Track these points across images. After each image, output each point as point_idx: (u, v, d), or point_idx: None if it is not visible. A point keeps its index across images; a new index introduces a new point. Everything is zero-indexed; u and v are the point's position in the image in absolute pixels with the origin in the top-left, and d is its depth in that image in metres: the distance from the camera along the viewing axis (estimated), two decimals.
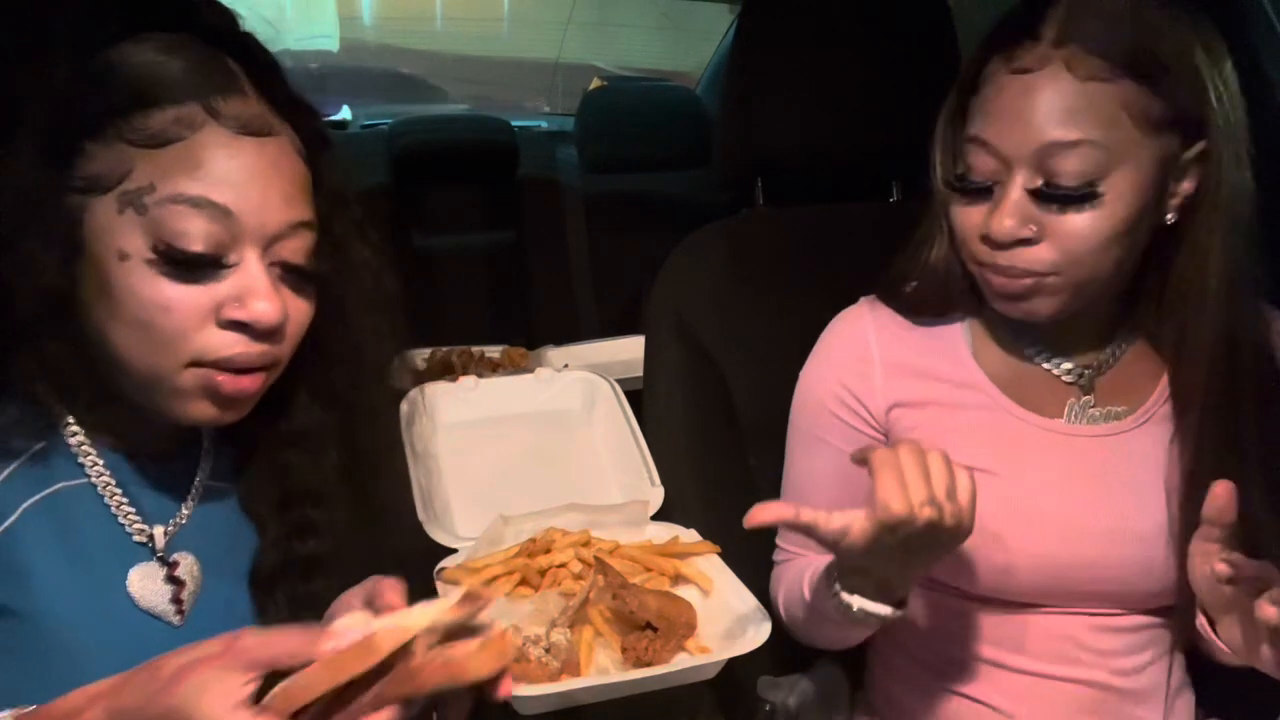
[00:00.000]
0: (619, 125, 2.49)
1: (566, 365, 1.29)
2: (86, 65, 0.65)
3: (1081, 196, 0.78)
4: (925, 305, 0.93)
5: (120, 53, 0.65)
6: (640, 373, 1.17)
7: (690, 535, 0.98)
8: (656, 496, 1.03)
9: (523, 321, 2.21)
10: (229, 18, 0.70)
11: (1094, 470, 0.88)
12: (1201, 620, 0.84)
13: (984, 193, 0.82)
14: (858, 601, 0.79)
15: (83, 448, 0.70)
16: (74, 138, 0.64)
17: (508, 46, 4.27)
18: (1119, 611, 0.89)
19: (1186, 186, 0.82)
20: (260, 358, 0.68)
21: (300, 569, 0.76)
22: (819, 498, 0.94)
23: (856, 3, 1.19)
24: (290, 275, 0.69)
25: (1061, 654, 0.89)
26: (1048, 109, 0.78)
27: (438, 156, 2.30)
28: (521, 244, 2.34)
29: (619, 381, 1.18)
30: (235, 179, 0.64)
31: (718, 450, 1.05)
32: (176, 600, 0.72)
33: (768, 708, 0.97)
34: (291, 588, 0.76)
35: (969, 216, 0.84)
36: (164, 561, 0.72)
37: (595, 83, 3.44)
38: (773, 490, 1.02)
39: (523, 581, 0.91)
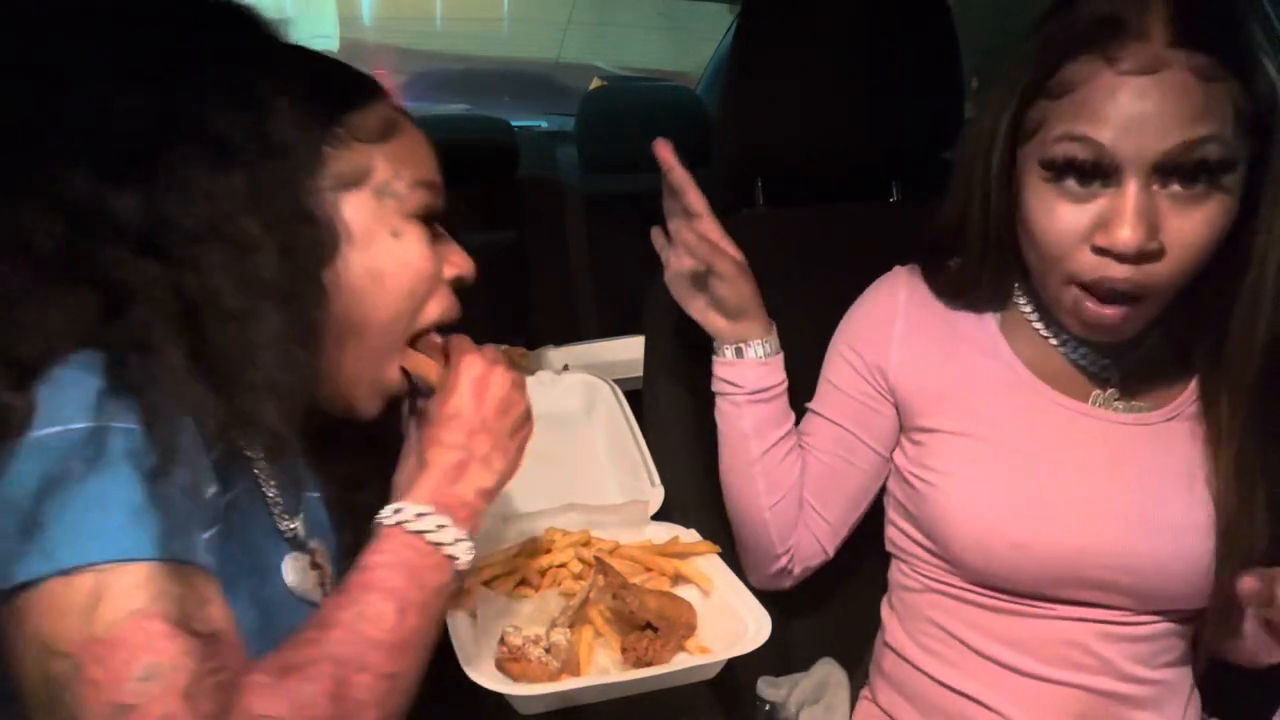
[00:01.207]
0: (619, 125, 2.50)
1: (566, 366, 1.29)
2: (319, 65, 0.75)
3: (1205, 189, 0.76)
4: (964, 291, 0.94)
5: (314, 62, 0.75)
6: (640, 373, 1.17)
7: (690, 535, 0.98)
8: (656, 496, 1.03)
9: (523, 321, 2.21)
10: None
11: (1116, 455, 0.87)
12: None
13: (1087, 189, 0.79)
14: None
15: (242, 447, 0.71)
16: (318, 143, 0.72)
17: (508, 46, 4.27)
18: (1132, 617, 0.88)
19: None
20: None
21: None
22: (817, 435, 1.01)
23: (856, 3, 1.19)
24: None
25: (1068, 659, 0.88)
26: (1175, 112, 0.74)
27: (438, 156, 2.30)
28: (521, 244, 2.34)
29: (619, 381, 1.18)
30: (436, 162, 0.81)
31: (718, 450, 1.04)
32: (321, 585, 0.77)
33: (768, 708, 0.98)
34: None
35: (1068, 220, 0.80)
36: (307, 549, 0.77)
37: (595, 83, 3.44)
38: None
39: (523, 581, 0.91)
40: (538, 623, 0.85)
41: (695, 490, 1.08)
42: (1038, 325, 0.92)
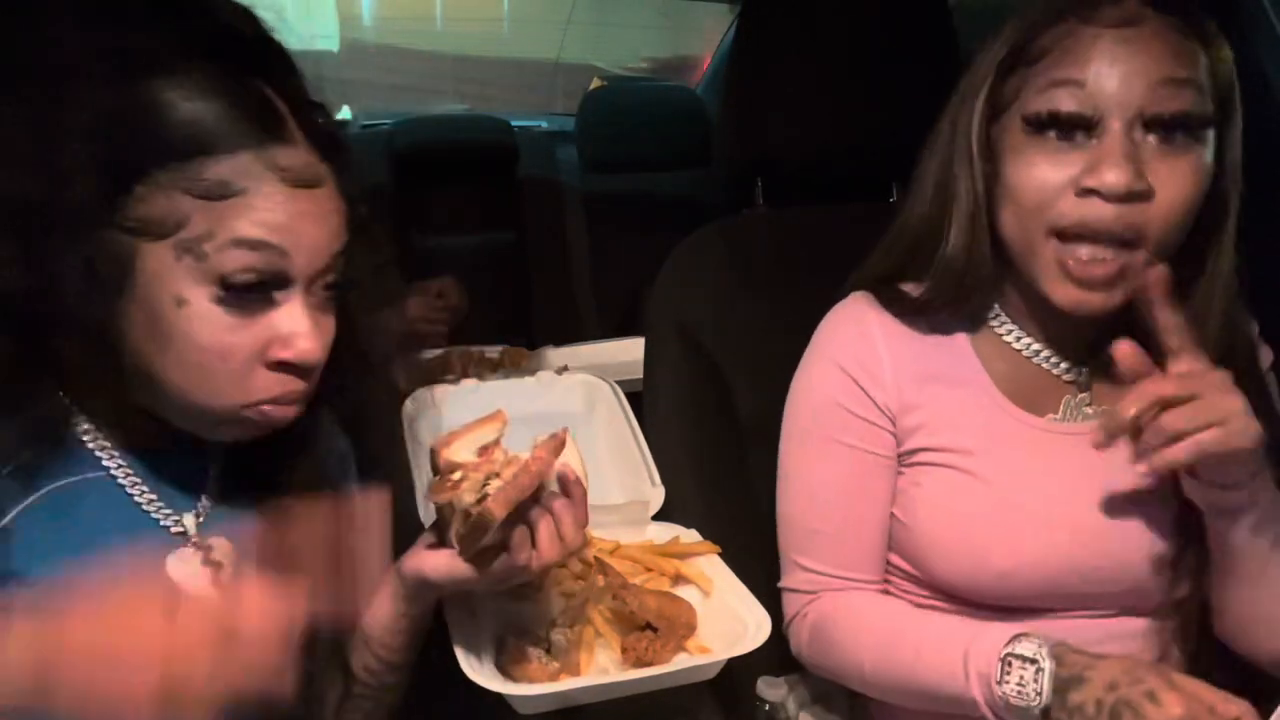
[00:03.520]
0: (619, 125, 2.49)
1: (565, 366, 1.29)
2: (136, 100, 0.63)
3: (1184, 142, 0.78)
4: (935, 307, 0.90)
5: (170, 89, 0.63)
6: (640, 374, 1.17)
7: (690, 535, 0.98)
8: (657, 497, 1.03)
9: (523, 321, 2.21)
10: (281, 54, 0.70)
11: (1088, 468, 0.87)
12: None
13: (1070, 139, 0.79)
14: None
15: (98, 443, 0.72)
16: (125, 178, 0.63)
17: (508, 46, 4.27)
18: (1118, 615, 0.89)
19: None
20: (301, 394, 0.71)
21: (280, 556, 0.77)
22: (836, 505, 0.93)
23: (857, 3, 1.19)
24: (322, 299, 0.71)
25: None
26: (1156, 55, 0.77)
27: (438, 156, 2.30)
28: (521, 244, 2.34)
29: (619, 382, 1.18)
30: (290, 228, 0.66)
31: (718, 450, 1.05)
32: (216, 582, 0.75)
33: (767, 707, 0.98)
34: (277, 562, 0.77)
35: (1049, 171, 0.80)
36: (198, 545, 0.75)
37: (595, 83, 3.44)
38: (773, 490, 1.02)
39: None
40: (538, 623, 0.85)
41: (695, 490, 1.08)
42: (1009, 339, 0.91)
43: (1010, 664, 0.77)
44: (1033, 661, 0.76)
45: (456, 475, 0.72)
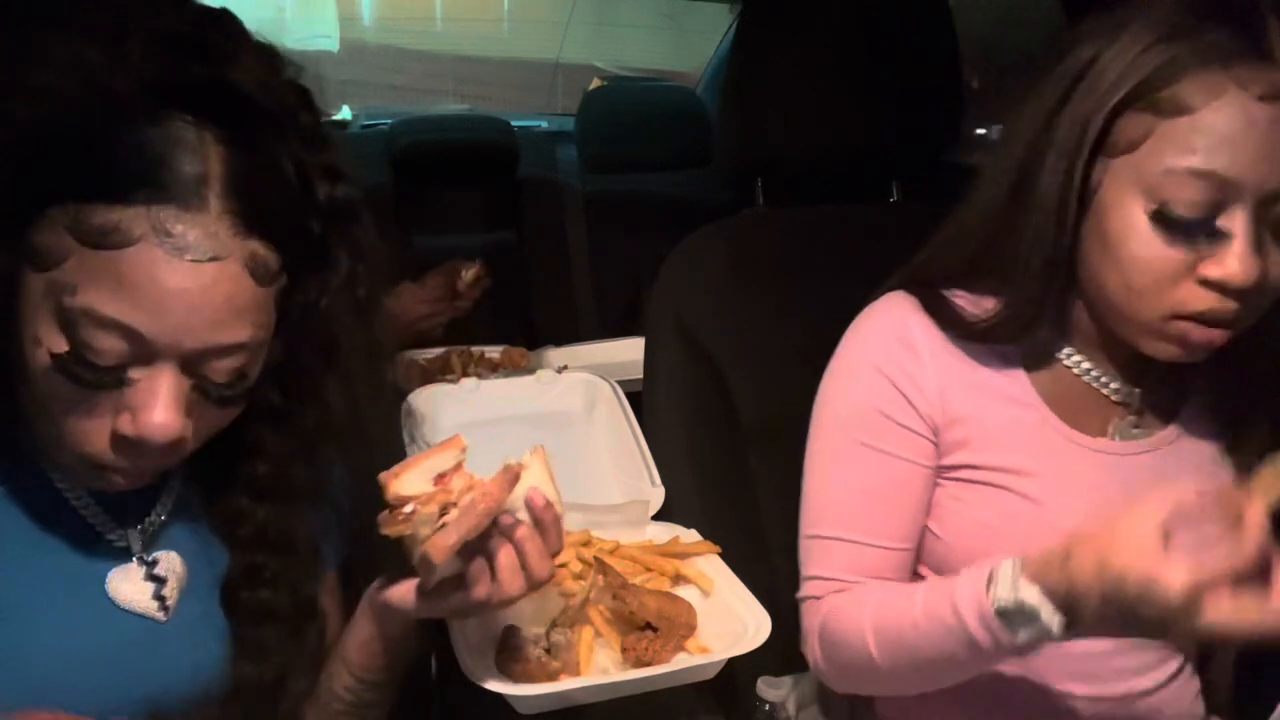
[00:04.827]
0: (619, 125, 2.50)
1: (565, 366, 1.29)
2: (61, 125, 0.60)
3: None
4: (996, 337, 0.84)
5: (98, 123, 0.60)
6: (640, 374, 1.17)
7: (690, 535, 0.98)
8: (657, 496, 1.03)
9: (523, 321, 2.21)
10: (278, 115, 0.65)
11: (1130, 488, 0.84)
12: None
13: (1191, 230, 0.73)
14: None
15: (44, 455, 0.70)
16: (26, 205, 0.60)
17: (508, 46, 4.28)
18: None
19: None
20: (153, 469, 0.68)
21: (253, 609, 0.77)
22: (871, 514, 0.88)
23: (856, 3, 1.19)
24: (210, 391, 0.65)
25: (1081, 671, 0.86)
26: None
27: (438, 156, 2.30)
28: (521, 244, 2.34)
29: (619, 382, 1.18)
30: (156, 303, 0.60)
31: (718, 450, 1.04)
32: (159, 597, 0.73)
33: (767, 707, 0.98)
34: (252, 613, 0.77)
35: (1173, 253, 0.74)
36: (143, 561, 0.73)
37: (595, 83, 3.45)
38: (773, 490, 1.02)
39: None
40: (538, 623, 0.86)
41: (695, 490, 1.08)
42: (1061, 356, 0.87)
43: (1009, 618, 0.72)
44: (1026, 612, 0.71)
45: (408, 509, 0.67)
